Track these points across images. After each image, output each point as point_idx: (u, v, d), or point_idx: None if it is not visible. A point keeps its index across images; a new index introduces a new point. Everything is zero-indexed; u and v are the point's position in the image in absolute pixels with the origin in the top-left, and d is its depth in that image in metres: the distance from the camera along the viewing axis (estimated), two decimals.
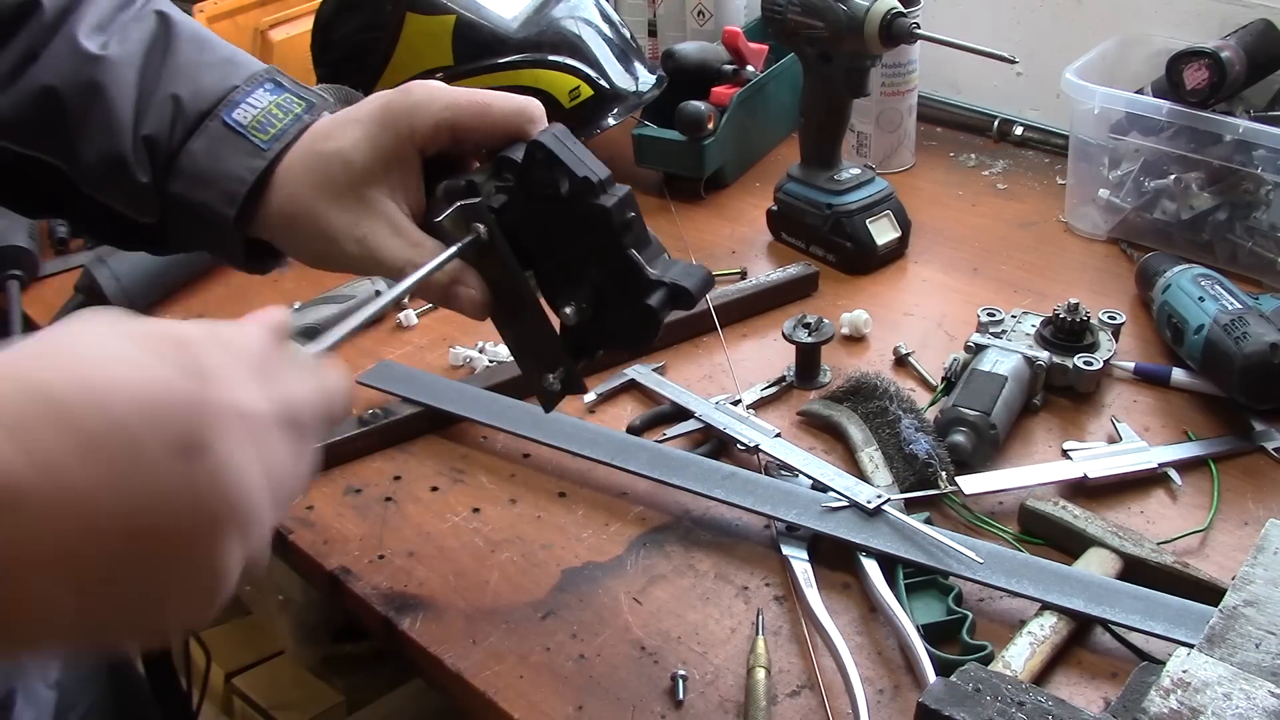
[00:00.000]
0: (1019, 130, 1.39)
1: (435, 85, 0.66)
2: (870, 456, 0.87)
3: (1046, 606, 0.72)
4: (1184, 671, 0.57)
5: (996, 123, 1.40)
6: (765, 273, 1.12)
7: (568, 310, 0.65)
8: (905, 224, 1.17)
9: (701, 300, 0.64)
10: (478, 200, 0.64)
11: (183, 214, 0.68)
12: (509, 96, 0.65)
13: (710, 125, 1.25)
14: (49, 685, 0.76)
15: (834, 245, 1.15)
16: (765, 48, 1.35)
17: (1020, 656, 0.69)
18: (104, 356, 0.39)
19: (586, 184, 0.62)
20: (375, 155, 0.65)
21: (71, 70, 0.67)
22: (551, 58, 1.20)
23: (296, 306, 1.09)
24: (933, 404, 0.94)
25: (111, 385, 0.38)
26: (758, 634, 0.74)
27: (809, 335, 0.98)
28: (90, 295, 1.11)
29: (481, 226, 0.64)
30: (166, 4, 0.71)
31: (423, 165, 0.67)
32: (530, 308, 0.67)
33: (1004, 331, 0.97)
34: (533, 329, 0.67)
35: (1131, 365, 0.97)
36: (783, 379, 0.99)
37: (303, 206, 0.66)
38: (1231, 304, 0.92)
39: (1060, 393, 0.95)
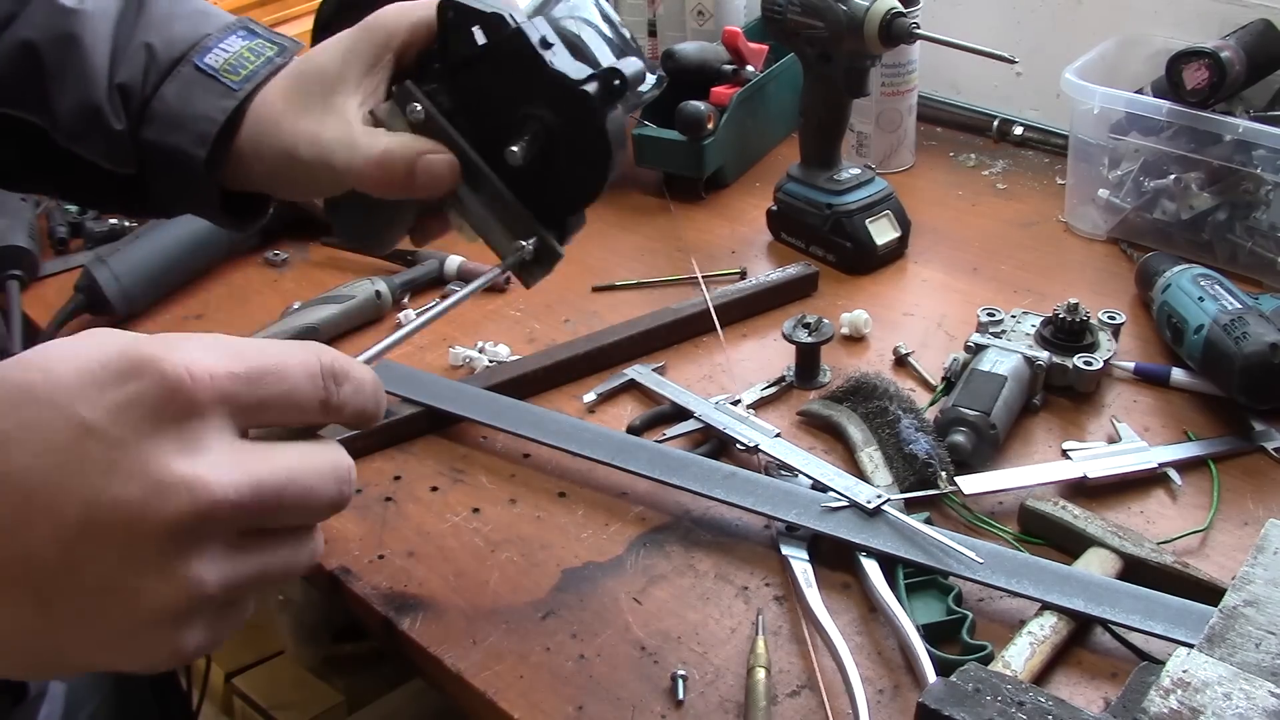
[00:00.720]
0: (1019, 130, 1.39)
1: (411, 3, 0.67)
2: (870, 456, 0.87)
3: (1046, 606, 0.72)
4: (1184, 671, 0.57)
5: (996, 123, 1.40)
6: (765, 273, 1.12)
7: (514, 149, 0.64)
8: (905, 224, 1.17)
9: (624, 141, 0.64)
10: (406, 82, 0.65)
11: (157, 161, 0.68)
12: None
13: (710, 125, 1.25)
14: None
15: (834, 245, 1.15)
16: (765, 48, 1.35)
17: (1020, 656, 0.69)
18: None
19: (497, 18, 0.62)
20: (351, 57, 0.66)
21: (48, 24, 0.68)
22: None
23: (296, 306, 1.09)
24: (933, 404, 0.94)
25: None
26: (758, 634, 0.74)
27: (809, 335, 0.98)
28: (90, 295, 1.10)
29: (418, 105, 0.65)
30: None
31: (395, 75, 0.68)
32: (484, 176, 0.66)
33: (1004, 331, 0.97)
34: (493, 201, 0.67)
35: (1131, 365, 0.97)
36: (783, 379, 0.99)
37: (269, 126, 0.67)
38: (1231, 304, 0.92)
39: (1060, 393, 0.95)
